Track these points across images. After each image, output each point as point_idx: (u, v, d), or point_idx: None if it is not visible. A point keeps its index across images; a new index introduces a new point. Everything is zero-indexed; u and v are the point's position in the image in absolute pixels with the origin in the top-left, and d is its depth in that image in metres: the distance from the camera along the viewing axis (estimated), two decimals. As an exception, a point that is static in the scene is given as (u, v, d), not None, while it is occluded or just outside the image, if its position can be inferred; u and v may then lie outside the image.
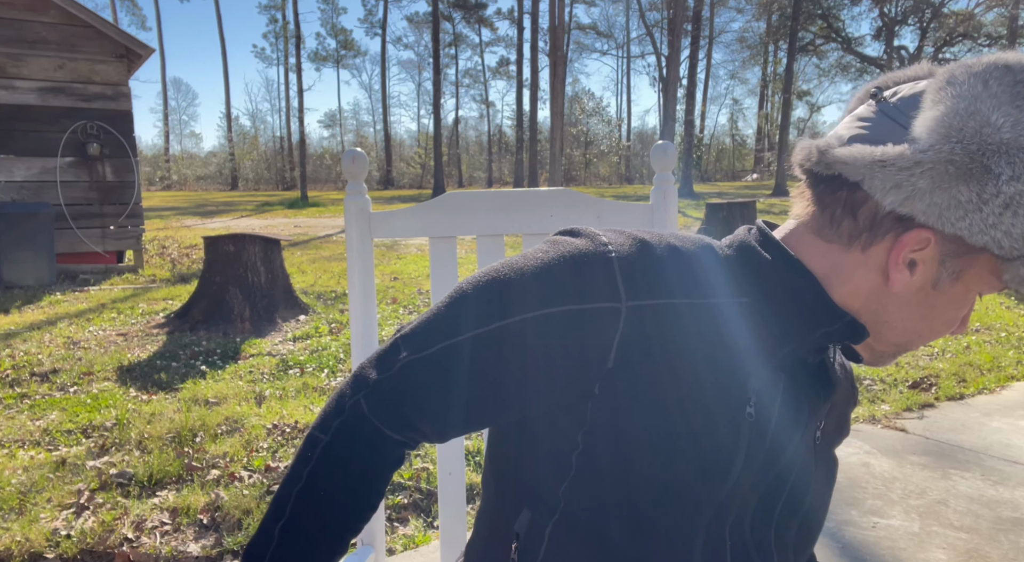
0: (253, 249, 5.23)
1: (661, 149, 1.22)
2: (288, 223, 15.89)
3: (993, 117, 0.55)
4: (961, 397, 3.55)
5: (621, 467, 0.61)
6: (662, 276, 0.61)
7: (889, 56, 39.85)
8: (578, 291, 0.60)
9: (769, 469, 0.65)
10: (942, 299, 0.63)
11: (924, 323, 0.65)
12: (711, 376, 0.61)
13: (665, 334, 0.60)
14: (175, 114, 60.71)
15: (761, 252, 0.66)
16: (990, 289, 0.63)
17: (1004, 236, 0.57)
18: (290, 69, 42.35)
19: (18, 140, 7.81)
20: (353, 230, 1.20)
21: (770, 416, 0.64)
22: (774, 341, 0.64)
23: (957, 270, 0.61)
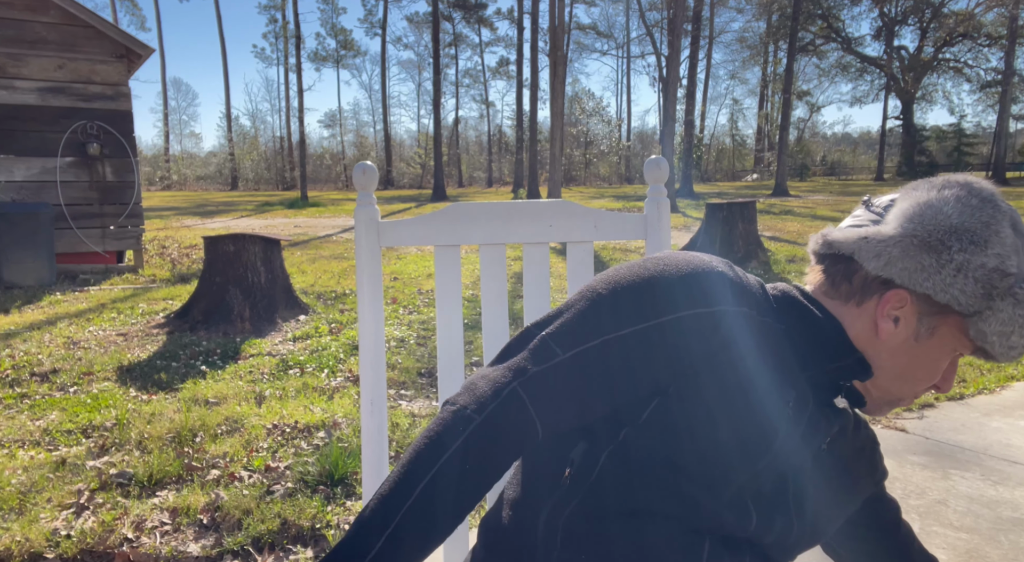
0: (253, 249, 5.23)
1: (655, 163, 1.30)
2: (288, 223, 15.90)
3: (945, 209, 0.77)
4: (961, 397, 3.55)
5: (681, 426, 0.74)
6: (748, 292, 0.80)
7: (889, 56, 39.82)
8: (702, 299, 0.75)
9: (792, 457, 0.80)
10: (923, 351, 0.80)
11: (909, 371, 0.81)
12: (767, 372, 0.77)
13: (740, 337, 0.76)
14: (175, 114, 60.71)
15: (799, 296, 0.85)
16: (962, 346, 0.79)
17: (960, 294, 0.75)
18: (290, 69, 42.36)
19: (18, 140, 7.81)
20: (363, 238, 1.26)
21: (802, 419, 0.79)
22: (800, 362, 0.80)
23: (932, 326, 0.79)
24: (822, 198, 21.87)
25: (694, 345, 0.73)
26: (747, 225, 7.96)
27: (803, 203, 19.37)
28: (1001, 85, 30.68)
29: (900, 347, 0.80)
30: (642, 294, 0.75)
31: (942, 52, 39.51)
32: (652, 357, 0.73)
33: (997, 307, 0.74)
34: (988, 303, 0.74)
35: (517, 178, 30.80)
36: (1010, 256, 0.75)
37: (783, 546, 0.82)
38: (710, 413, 0.74)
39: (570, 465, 0.79)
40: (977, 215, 0.76)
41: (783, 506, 0.80)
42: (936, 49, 39.29)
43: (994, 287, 0.74)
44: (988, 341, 0.76)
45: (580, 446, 0.79)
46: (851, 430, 0.93)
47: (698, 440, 0.74)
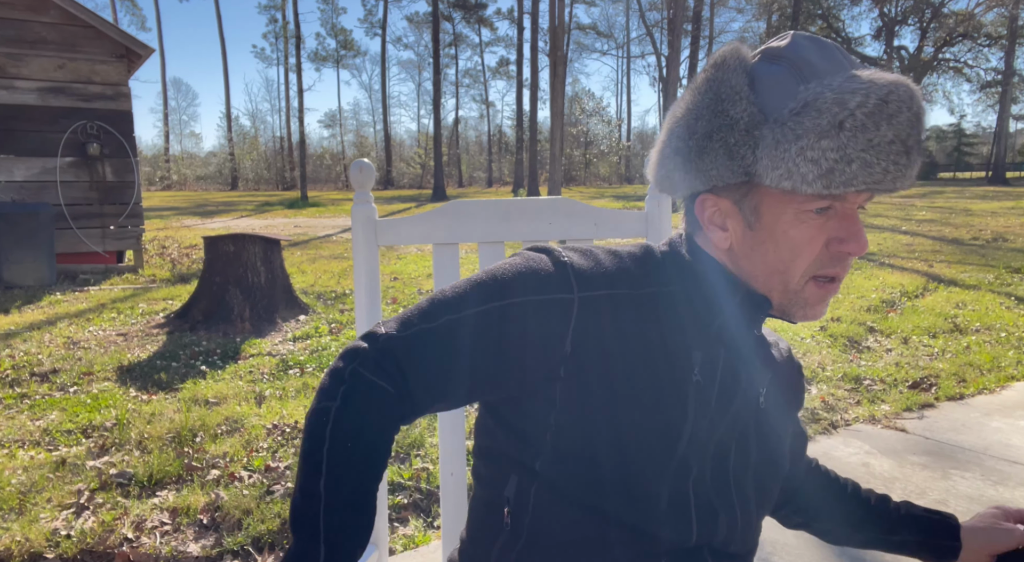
0: (253, 249, 5.23)
1: None
2: (288, 223, 15.89)
3: (679, 103, 0.79)
4: (961, 397, 3.55)
5: (587, 439, 0.73)
6: (605, 274, 0.77)
7: (889, 56, 39.83)
8: (543, 285, 0.75)
9: (717, 427, 0.77)
10: (769, 234, 0.76)
11: (776, 259, 0.76)
12: (658, 350, 0.75)
13: (612, 320, 0.74)
14: (175, 114, 60.73)
15: (681, 248, 0.83)
16: (795, 203, 0.73)
17: (724, 164, 0.74)
18: (290, 69, 42.37)
19: (18, 140, 7.81)
20: (360, 237, 1.24)
21: (713, 381, 0.77)
22: (704, 318, 0.78)
23: (752, 207, 0.76)
24: (822, 198, 21.85)
25: (533, 336, 0.73)
26: (747, 225, 7.96)
27: (803, 203, 19.34)
28: (1001, 85, 30.71)
29: (748, 245, 0.77)
30: (484, 283, 0.77)
31: (942, 52, 39.52)
32: (491, 342, 0.73)
33: (764, 151, 0.71)
34: (752, 152, 0.72)
35: (517, 178, 30.80)
36: (736, 102, 0.73)
37: (735, 537, 0.80)
38: (605, 416, 0.72)
39: (507, 504, 0.78)
40: (702, 90, 0.75)
41: (725, 498, 0.78)
42: (936, 49, 39.30)
43: (749, 135, 0.72)
44: (792, 175, 0.70)
45: (512, 482, 0.78)
46: (785, 371, 0.92)
47: (605, 449, 0.72)
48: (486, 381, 0.75)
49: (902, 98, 0.70)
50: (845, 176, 0.69)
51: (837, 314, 5.31)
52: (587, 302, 0.74)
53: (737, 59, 0.75)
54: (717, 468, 0.78)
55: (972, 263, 7.92)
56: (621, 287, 0.77)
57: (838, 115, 0.69)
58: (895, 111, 0.69)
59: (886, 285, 6.57)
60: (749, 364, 0.81)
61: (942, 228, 11.71)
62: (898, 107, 0.69)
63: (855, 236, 0.74)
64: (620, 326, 0.74)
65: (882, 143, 0.69)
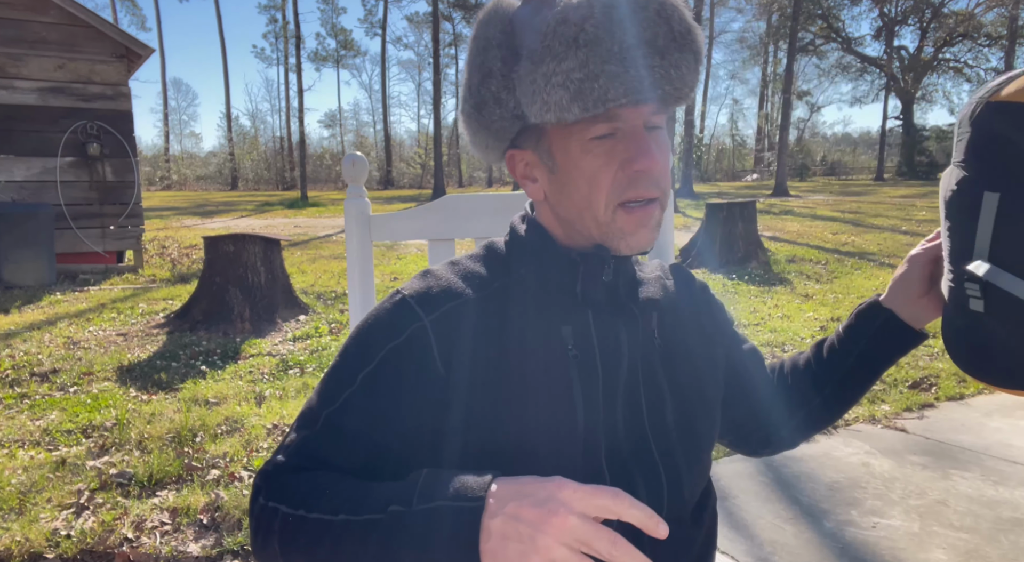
0: (253, 249, 5.23)
1: None
2: (288, 223, 15.89)
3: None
4: (961, 397, 3.55)
5: (495, 445, 0.72)
6: (446, 288, 0.78)
7: (889, 56, 39.81)
8: (393, 327, 0.75)
9: (615, 390, 0.76)
10: (565, 172, 0.75)
11: (584, 194, 0.74)
12: (526, 339, 0.74)
13: (470, 327, 0.74)
14: (175, 114, 60.70)
15: (521, 229, 0.83)
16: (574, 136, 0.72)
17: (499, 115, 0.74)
18: (290, 69, 42.39)
19: (18, 140, 7.80)
20: (353, 232, 1.22)
21: (592, 348, 0.76)
22: (559, 291, 0.78)
23: (544, 151, 0.76)
24: (822, 198, 21.86)
25: (417, 365, 0.73)
26: (747, 225, 7.95)
27: (803, 203, 19.36)
28: (1001, 85, 30.63)
29: (556, 190, 0.76)
30: (337, 368, 0.78)
31: (942, 52, 39.50)
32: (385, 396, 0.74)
33: (520, 90, 0.72)
34: (512, 94, 0.73)
35: (517, 178, 30.73)
36: (489, 50, 0.74)
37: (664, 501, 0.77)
38: (502, 419, 0.72)
39: None
40: (470, 50, 0.77)
41: (645, 463, 0.76)
42: (936, 49, 39.28)
43: (507, 79, 0.73)
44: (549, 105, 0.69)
45: None
46: (681, 296, 0.88)
47: (512, 450, 0.72)
48: (403, 435, 0.74)
49: (614, 2, 0.67)
50: (596, 93, 0.67)
51: (837, 314, 5.31)
52: (438, 321, 0.74)
53: (494, 12, 0.75)
54: (632, 432, 0.77)
55: (972, 263, 7.91)
56: (466, 293, 0.77)
57: (567, 33, 0.67)
58: (628, 14, 0.66)
59: (886, 285, 6.57)
60: (625, 313, 0.79)
61: (942, 228, 11.69)
62: (632, 8, 0.66)
63: (643, 153, 0.71)
64: (480, 329, 0.74)
65: (624, 50, 0.66)
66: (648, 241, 0.76)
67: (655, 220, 0.75)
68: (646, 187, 0.73)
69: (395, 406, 0.74)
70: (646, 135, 0.72)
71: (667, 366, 0.81)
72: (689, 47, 0.69)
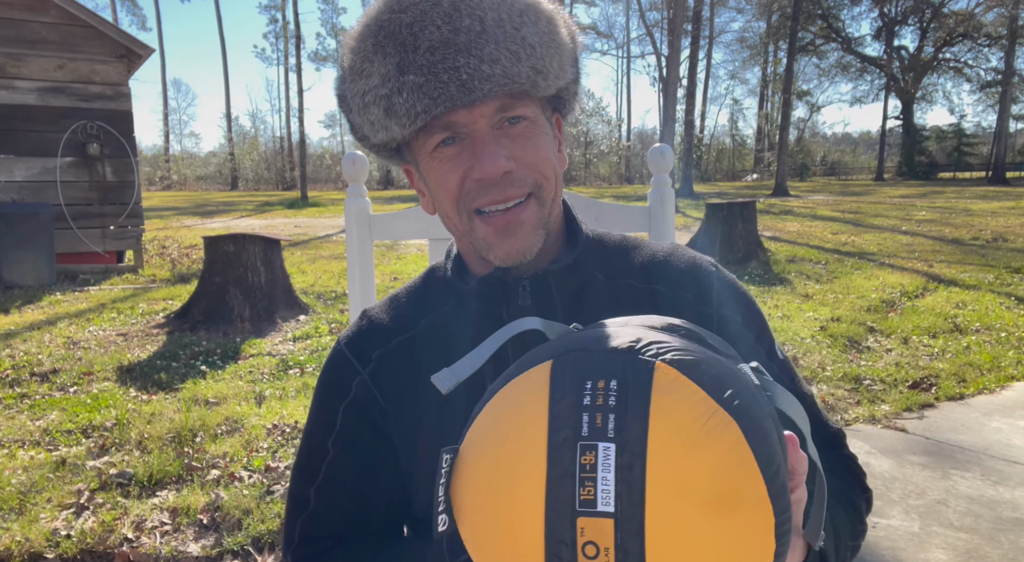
0: (253, 249, 5.23)
1: (658, 152, 1.24)
2: (288, 223, 15.88)
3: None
4: (961, 397, 3.55)
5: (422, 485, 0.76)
6: (379, 333, 0.79)
7: (889, 56, 39.80)
8: (340, 384, 0.79)
9: None
10: (432, 184, 0.74)
11: (439, 207, 0.75)
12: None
13: (402, 369, 0.77)
14: (175, 114, 60.71)
15: (444, 258, 0.84)
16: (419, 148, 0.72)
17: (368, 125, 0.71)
18: (290, 69, 42.37)
19: (18, 140, 7.80)
20: (353, 232, 1.22)
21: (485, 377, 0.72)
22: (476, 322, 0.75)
23: (416, 164, 0.75)
24: (822, 198, 21.86)
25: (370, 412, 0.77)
26: (747, 225, 7.95)
27: (803, 203, 19.36)
28: (1001, 85, 30.69)
29: (433, 204, 0.77)
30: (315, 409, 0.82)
31: (942, 52, 39.50)
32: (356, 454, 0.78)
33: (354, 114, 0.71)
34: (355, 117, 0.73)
35: (517, 178, 30.68)
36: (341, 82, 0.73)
37: None
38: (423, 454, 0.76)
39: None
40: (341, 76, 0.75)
41: None
42: (936, 49, 39.27)
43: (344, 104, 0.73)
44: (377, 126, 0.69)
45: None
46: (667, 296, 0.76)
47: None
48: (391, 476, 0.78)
49: (404, 6, 0.64)
50: (405, 107, 0.65)
51: (837, 314, 5.31)
52: (373, 373, 0.77)
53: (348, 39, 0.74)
54: None
55: (972, 263, 7.92)
56: (396, 336, 0.79)
57: (365, 48, 0.66)
58: (419, 16, 0.63)
59: (886, 285, 6.57)
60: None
61: (942, 228, 11.70)
62: (423, 10, 0.63)
63: (479, 159, 0.67)
64: (412, 369, 0.76)
65: (421, 56, 0.63)
66: (520, 248, 0.70)
67: (526, 224, 0.70)
68: (495, 193, 0.68)
69: (372, 455, 0.77)
70: (485, 138, 0.67)
71: None
72: (492, 38, 0.63)
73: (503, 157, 0.67)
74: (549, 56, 0.66)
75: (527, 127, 0.69)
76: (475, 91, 0.63)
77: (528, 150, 0.69)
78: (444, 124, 0.67)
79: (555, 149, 0.74)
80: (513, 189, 0.68)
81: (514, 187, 0.68)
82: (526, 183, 0.69)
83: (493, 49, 0.63)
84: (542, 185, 0.70)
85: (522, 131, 0.69)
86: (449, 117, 0.66)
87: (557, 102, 0.77)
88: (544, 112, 0.73)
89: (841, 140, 67.69)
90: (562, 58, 0.68)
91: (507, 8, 0.65)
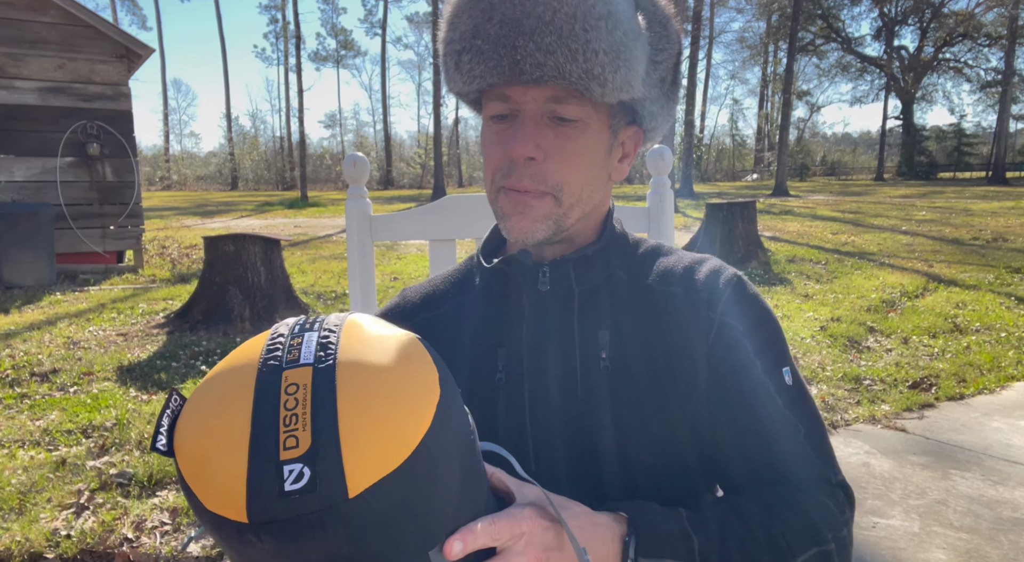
0: (253, 249, 5.23)
1: (657, 154, 1.25)
2: (288, 223, 15.88)
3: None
4: (961, 397, 3.55)
5: None
6: (403, 309, 0.85)
7: (889, 56, 39.80)
8: None
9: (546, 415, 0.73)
10: (483, 148, 0.76)
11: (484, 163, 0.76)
12: (463, 363, 0.76)
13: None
14: (175, 114, 60.73)
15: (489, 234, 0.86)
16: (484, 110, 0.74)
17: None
18: (290, 69, 42.36)
19: (18, 140, 7.80)
20: (354, 233, 1.22)
21: (521, 370, 0.74)
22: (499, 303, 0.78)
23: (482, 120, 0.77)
24: (822, 198, 21.86)
25: None
26: (747, 225, 7.95)
27: (803, 203, 19.36)
28: (1001, 85, 30.68)
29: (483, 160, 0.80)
30: None
31: (942, 52, 39.50)
32: None
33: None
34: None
35: (517, 178, 30.68)
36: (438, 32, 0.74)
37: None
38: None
39: None
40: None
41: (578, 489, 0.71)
42: (936, 49, 39.27)
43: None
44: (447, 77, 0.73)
45: None
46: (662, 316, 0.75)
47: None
48: None
49: None
50: (466, 67, 0.68)
51: (837, 314, 5.31)
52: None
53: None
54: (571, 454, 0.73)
55: (972, 263, 7.92)
56: (421, 313, 0.83)
57: (456, 6, 0.69)
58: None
59: (886, 285, 6.57)
60: (562, 330, 0.75)
61: (942, 228, 11.70)
62: None
63: (513, 136, 0.69)
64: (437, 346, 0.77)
65: (494, 27, 0.66)
66: (524, 229, 0.72)
67: (536, 211, 0.71)
68: (518, 177, 0.70)
69: None
70: (527, 121, 0.69)
71: (616, 389, 0.73)
72: (556, 31, 0.64)
73: (533, 144, 0.69)
74: (613, 66, 0.66)
75: (573, 130, 0.70)
76: (525, 74, 0.65)
77: (564, 150, 0.70)
78: (500, 94, 0.70)
79: (602, 159, 0.74)
80: (531, 182, 0.70)
81: (533, 180, 0.70)
82: (546, 182, 0.71)
83: (553, 41, 0.64)
84: (563, 188, 0.71)
85: (567, 132, 0.70)
86: (505, 89, 0.69)
87: (634, 114, 0.77)
88: (609, 119, 0.73)
89: (841, 140, 67.69)
90: (630, 72, 0.68)
91: (587, 9, 0.65)
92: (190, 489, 0.49)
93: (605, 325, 0.75)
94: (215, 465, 0.48)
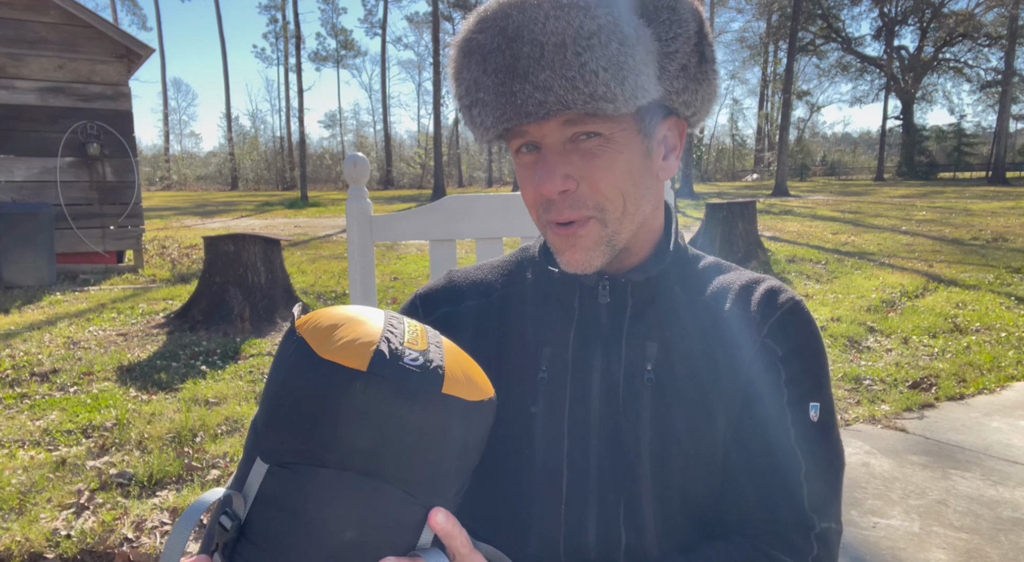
0: (253, 249, 5.23)
1: None
2: (288, 223, 15.88)
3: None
4: (961, 397, 3.55)
5: None
6: (451, 292, 0.84)
7: (889, 56, 39.80)
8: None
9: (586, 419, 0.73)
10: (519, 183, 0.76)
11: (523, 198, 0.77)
12: (507, 355, 0.76)
13: (470, 330, 0.79)
14: (175, 114, 60.74)
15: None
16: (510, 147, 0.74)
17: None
18: (290, 69, 42.40)
19: (18, 140, 7.80)
20: (355, 233, 1.22)
21: (565, 371, 0.74)
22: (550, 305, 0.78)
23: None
24: (822, 198, 21.86)
25: None
26: (747, 225, 7.95)
27: (803, 203, 19.36)
28: (1001, 85, 30.68)
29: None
30: None
31: (942, 52, 39.51)
32: None
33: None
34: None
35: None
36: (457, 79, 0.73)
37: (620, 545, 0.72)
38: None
39: None
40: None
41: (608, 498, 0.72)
42: (936, 49, 39.28)
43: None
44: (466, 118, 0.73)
45: None
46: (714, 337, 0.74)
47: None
48: None
49: (487, 22, 0.67)
50: (478, 120, 0.69)
51: (837, 314, 5.31)
52: (435, 323, 0.79)
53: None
54: (605, 463, 0.72)
55: (972, 263, 7.92)
56: (468, 300, 0.82)
57: (455, 56, 0.71)
58: (492, 37, 0.66)
59: (886, 285, 6.57)
60: (610, 339, 0.74)
61: (942, 228, 11.70)
62: (495, 32, 0.66)
63: (539, 175, 0.69)
64: (477, 333, 0.78)
65: (488, 76, 0.66)
66: (578, 262, 0.71)
67: (586, 241, 0.71)
68: (558, 211, 0.70)
69: None
70: (549, 154, 0.69)
71: (658, 402, 0.73)
72: (548, 65, 0.64)
73: (560, 176, 0.68)
74: (617, 80, 0.65)
75: (598, 144, 0.69)
76: (531, 114, 0.66)
77: (594, 169, 0.69)
78: (518, 132, 0.70)
79: (639, 165, 0.71)
80: (572, 211, 0.70)
81: (573, 209, 0.70)
82: (586, 205, 0.70)
83: (548, 76, 0.64)
84: (604, 206, 0.70)
85: (592, 147, 0.69)
86: (521, 128, 0.69)
87: (665, 109, 0.74)
88: (637, 124, 0.70)
89: (841, 140, 67.72)
90: (639, 78, 0.66)
91: (574, 31, 0.63)
92: (307, 344, 0.57)
93: (654, 337, 0.75)
94: (348, 330, 0.58)
